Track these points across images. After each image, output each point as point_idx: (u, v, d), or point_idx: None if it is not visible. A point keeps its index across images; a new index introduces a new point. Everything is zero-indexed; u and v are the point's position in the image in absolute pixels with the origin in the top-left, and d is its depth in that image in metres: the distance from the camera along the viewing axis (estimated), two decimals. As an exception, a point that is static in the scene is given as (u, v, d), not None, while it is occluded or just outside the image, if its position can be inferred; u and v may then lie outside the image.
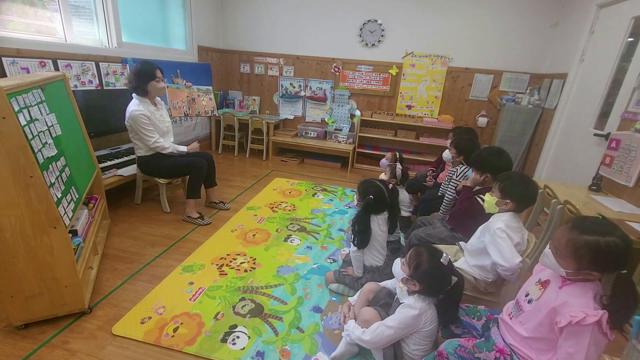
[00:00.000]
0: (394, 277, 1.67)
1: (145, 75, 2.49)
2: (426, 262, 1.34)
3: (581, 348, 0.99)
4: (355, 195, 2.05)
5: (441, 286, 1.35)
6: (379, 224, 1.92)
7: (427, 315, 1.36)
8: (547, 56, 3.98)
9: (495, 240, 1.52)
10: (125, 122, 2.52)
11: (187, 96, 3.15)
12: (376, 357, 1.52)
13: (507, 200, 1.59)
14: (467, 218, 1.95)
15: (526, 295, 1.21)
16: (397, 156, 3.12)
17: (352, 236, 1.92)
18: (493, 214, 1.66)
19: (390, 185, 2.03)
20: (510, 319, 1.23)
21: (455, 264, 1.73)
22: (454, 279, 1.35)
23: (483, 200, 1.72)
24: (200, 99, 3.32)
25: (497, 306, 1.59)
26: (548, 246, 1.14)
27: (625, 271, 0.99)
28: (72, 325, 1.65)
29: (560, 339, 1.04)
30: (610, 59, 2.82)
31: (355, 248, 1.92)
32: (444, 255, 1.35)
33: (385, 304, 1.61)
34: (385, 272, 1.93)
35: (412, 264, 1.37)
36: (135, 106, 2.47)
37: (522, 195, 1.59)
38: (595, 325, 0.97)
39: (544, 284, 1.15)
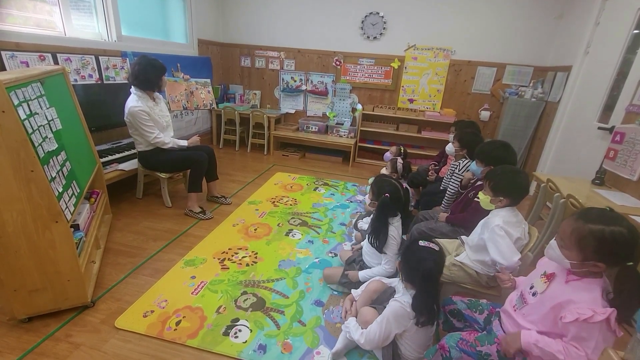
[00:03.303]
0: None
1: (160, 70, 2.52)
2: (409, 240, 1.39)
3: (589, 346, 0.98)
4: (367, 195, 1.99)
5: (412, 265, 1.34)
6: (395, 228, 1.82)
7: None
8: (551, 48, 3.93)
9: (494, 238, 1.52)
10: (125, 118, 2.51)
11: (185, 89, 3.13)
12: (376, 354, 1.52)
13: (500, 197, 1.59)
14: (467, 215, 1.95)
15: (531, 288, 1.20)
16: (401, 150, 3.10)
17: (369, 236, 1.84)
18: (490, 211, 1.66)
19: (405, 186, 1.94)
20: (514, 311, 1.22)
21: (457, 258, 1.73)
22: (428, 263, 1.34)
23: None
24: (199, 92, 3.30)
25: (498, 300, 1.58)
26: (554, 239, 1.13)
27: (631, 263, 0.97)
28: (76, 318, 1.66)
29: (567, 336, 1.03)
30: (616, 51, 2.78)
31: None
32: (432, 242, 1.38)
33: None
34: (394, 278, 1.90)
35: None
36: (134, 102, 2.46)
37: (512, 190, 1.58)
38: (603, 322, 0.96)
39: (549, 276, 1.14)
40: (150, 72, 2.47)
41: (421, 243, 1.37)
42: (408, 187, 2.71)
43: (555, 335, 1.07)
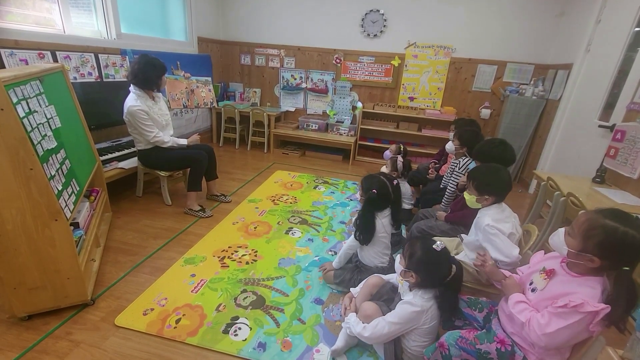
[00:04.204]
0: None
1: (160, 69, 2.51)
2: (419, 249, 1.35)
3: (559, 324, 1.00)
4: (358, 191, 2.01)
5: (438, 274, 1.33)
6: (383, 224, 1.85)
7: (428, 314, 1.35)
8: (552, 46, 3.91)
9: (489, 238, 1.54)
10: (124, 117, 2.51)
11: (186, 87, 3.11)
12: (377, 351, 1.52)
13: (486, 196, 1.62)
14: (466, 213, 1.95)
15: (530, 284, 1.20)
16: (401, 148, 3.10)
17: (355, 231, 1.86)
18: (479, 209, 1.68)
19: (395, 182, 1.98)
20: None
21: (457, 256, 1.73)
22: (454, 269, 1.33)
23: None
24: (199, 90, 3.28)
25: (498, 298, 1.58)
26: (564, 228, 1.14)
27: (627, 268, 0.97)
28: (76, 316, 1.66)
29: (548, 310, 1.05)
30: (617, 49, 2.77)
31: (354, 241, 1.88)
32: (437, 242, 1.35)
33: (389, 299, 1.60)
34: (390, 272, 1.90)
35: (406, 254, 1.38)
36: (133, 102, 2.45)
37: (496, 188, 1.61)
38: (588, 316, 0.96)
39: (549, 273, 1.14)
40: (149, 72, 2.46)
41: (437, 248, 1.33)
42: (401, 183, 2.71)
43: None
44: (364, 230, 1.82)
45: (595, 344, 1.00)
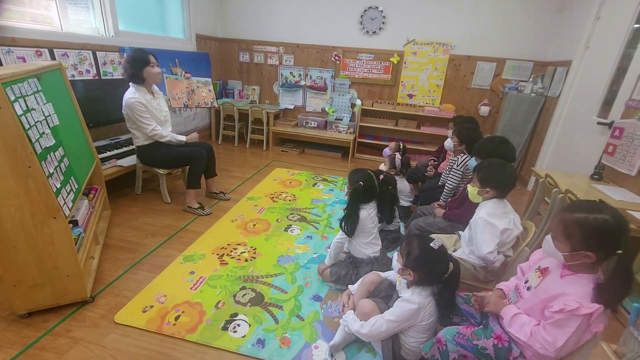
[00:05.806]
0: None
1: (139, 62, 2.45)
2: (417, 248, 1.35)
3: (563, 333, 1.00)
4: (346, 185, 2.04)
5: (436, 272, 1.34)
6: (370, 214, 1.90)
7: (426, 310, 1.36)
8: (551, 43, 3.90)
9: (475, 231, 1.59)
10: (122, 111, 2.50)
11: (187, 87, 3.11)
12: (375, 348, 1.53)
13: (487, 189, 1.65)
14: (464, 211, 1.97)
15: (525, 282, 1.21)
16: (400, 146, 3.10)
17: (340, 221, 1.91)
18: (479, 203, 1.70)
19: (382, 177, 2.01)
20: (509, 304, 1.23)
21: (455, 253, 1.74)
22: (451, 267, 1.34)
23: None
24: (200, 91, 3.28)
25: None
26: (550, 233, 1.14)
27: (620, 251, 0.97)
28: (75, 313, 1.67)
29: (547, 319, 1.05)
30: (616, 45, 2.76)
31: (342, 234, 1.92)
32: (435, 240, 1.35)
33: (386, 296, 1.60)
34: (383, 262, 1.93)
35: (404, 253, 1.39)
36: (131, 94, 2.45)
37: (499, 182, 1.64)
38: (586, 317, 0.97)
39: (543, 271, 1.15)
40: (131, 65, 2.44)
41: (434, 246, 1.34)
42: (400, 181, 2.72)
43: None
44: (349, 220, 1.87)
45: (590, 339, 1.01)
